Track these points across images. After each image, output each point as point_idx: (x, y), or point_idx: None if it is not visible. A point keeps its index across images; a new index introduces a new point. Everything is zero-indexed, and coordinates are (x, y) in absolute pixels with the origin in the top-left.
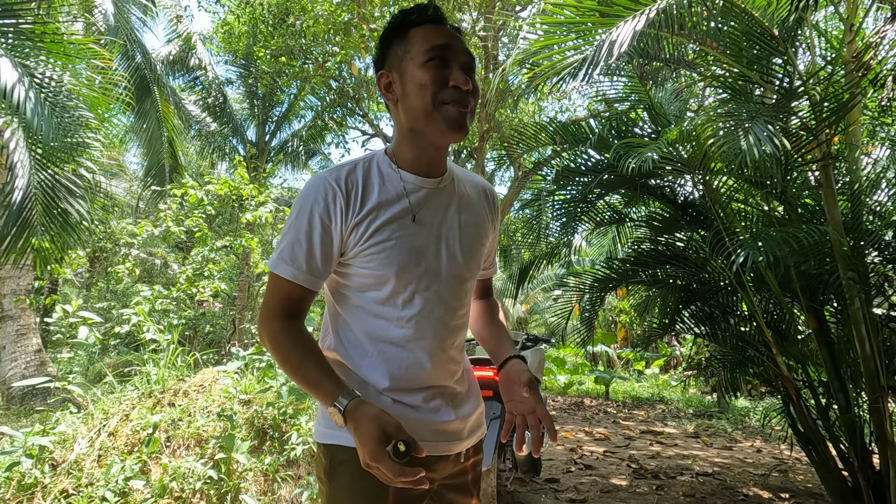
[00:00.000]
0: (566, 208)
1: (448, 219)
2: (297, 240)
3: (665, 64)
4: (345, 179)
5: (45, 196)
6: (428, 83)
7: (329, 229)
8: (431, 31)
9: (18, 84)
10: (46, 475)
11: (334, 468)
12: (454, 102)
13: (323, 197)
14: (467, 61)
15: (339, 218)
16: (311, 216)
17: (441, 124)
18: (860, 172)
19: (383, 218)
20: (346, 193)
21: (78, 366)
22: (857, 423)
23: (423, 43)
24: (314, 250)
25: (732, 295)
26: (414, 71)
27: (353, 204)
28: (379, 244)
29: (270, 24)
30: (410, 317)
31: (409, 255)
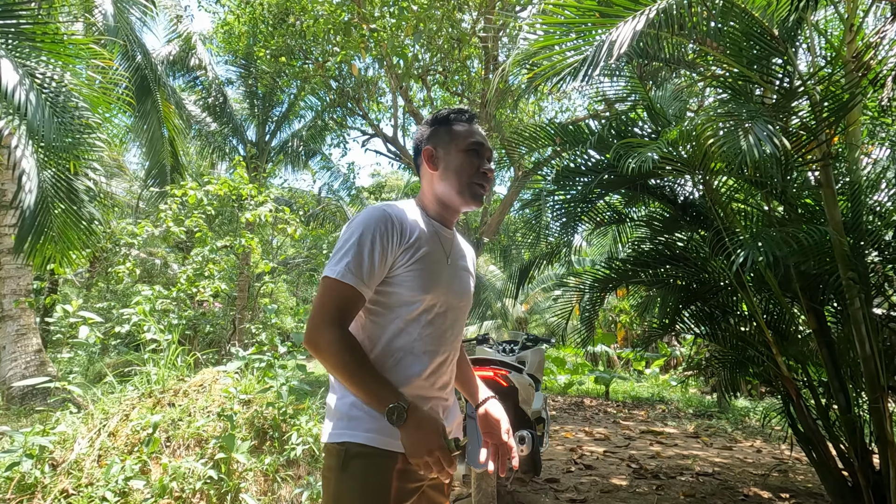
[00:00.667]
0: (566, 208)
1: (457, 262)
2: (360, 255)
3: (665, 64)
4: (399, 215)
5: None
6: (467, 165)
7: (386, 250)
8: (471, 130)
9: (19, 85)
10: (46, 475)
11: (348, 461)
12: (479, 183)
13: (385, 224)
14: (491, 156)
15: (395, 243)
16: (373, 238)
17: (467, 196)
18: (860, 172)
19: (423, 250)
20: (401, 225)
21: (78, 366)
22: (857, 423)
23: (468, 136)
24: (374, 266)
25: (732, 295)
26: (457, 154)
27: (405, 233)
28: (418, 269)
29: (270, 24)
30: (430, 332)
31: (437, 280)
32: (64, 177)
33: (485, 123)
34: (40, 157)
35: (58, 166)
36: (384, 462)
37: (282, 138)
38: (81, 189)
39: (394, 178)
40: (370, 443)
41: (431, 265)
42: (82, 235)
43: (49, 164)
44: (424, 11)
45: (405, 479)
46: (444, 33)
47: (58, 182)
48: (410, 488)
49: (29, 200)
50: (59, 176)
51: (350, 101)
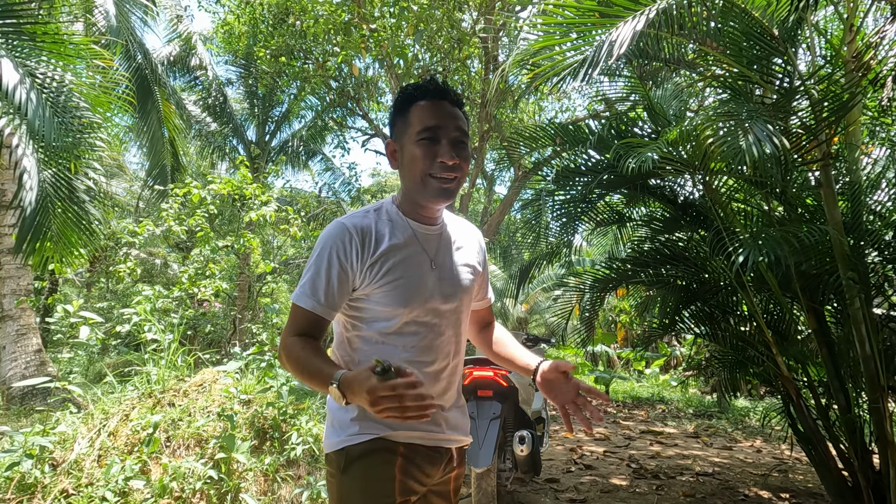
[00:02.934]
0: (566, 208)
1: (443, 260)
2: (317, 276)
3: (665, 64)
4: (360, 226)
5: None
6: (418, 159)
7: (346, 267)
8: (428, 109)
9: (20, 85)
10: (46, 475)
11: (349, 464)
12: (440, 177)
13: (341, 240)
14: (457, 136)
15: (356, 259)
16: (330, 256)
17: (428, 194)
18: (860, 172)
19: (394, 259)
20: (361, 238)
21: (78, 366)
22: (857, 423)
23: (418, 123)
24: (332, 287)
25: (732, 295)
26: (409, 146)
27: (367, 247)
28: (392, 282)
29: (270, 24)
30: (415, 343)
31: (415, 291)
32: (64, 176)
33: (485, 123)
34: (40, 157)
35: (58, 166)
36: (385, 457)
37: (282, 138)
38: (81, 189)
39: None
40: (366, 439)
41: (408, 275)
42: (82, 235)
43: (49, 163)
44: (424, 11)
45: (408, 476)
46: (444, 33)
47: (58, 182)
48: (413, 487)
49: (30, 198)
50: (59, 176)
51: (350, 101)
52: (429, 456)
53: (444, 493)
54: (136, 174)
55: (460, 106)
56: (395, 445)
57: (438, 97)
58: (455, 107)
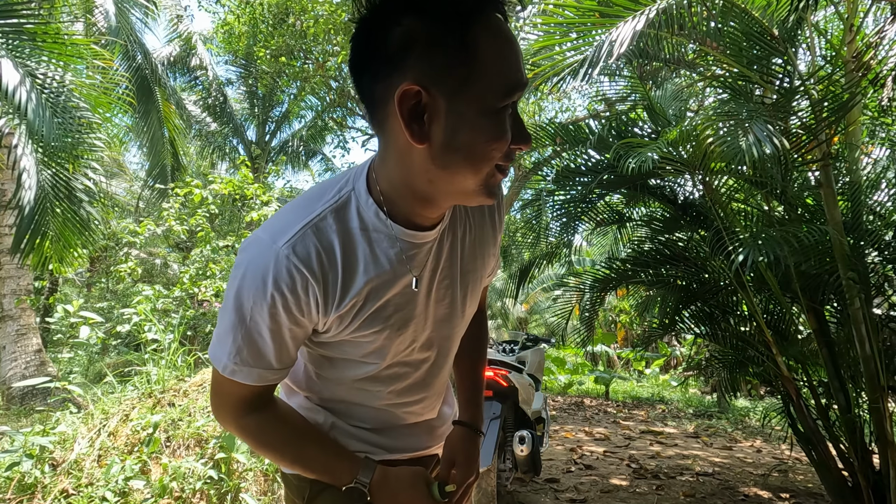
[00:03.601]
0: (566, 208)
1: (446, 272)
2: (259, 337)
3: (665, 64)
4: (316, 257)
5: (55, 196)
6: (496, 144)
7: (301, 322)
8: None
9: (20, 85)
10: (46, 475)
11: (314, 497)
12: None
13: (290, 287)
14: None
15: (315, 310)
16: (274, 311)
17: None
18: (860, 172)
19: (374, 303)
20: (323, 279)
21: (78, 366)
22: (857, 423)
23: (501, 70)
24: (285, 346)
25: (732, 295)
26: (477, 118)
27: (332, 291)
28: (369, 334)
29: (270, 24)
30: (394, 388)
31: (402, 337)
32: (63, 176)
33: None
34: (40, 157)
35: (57, 166)
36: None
37: (282, 138)
38: (81, 189)
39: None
40: None
41: (395, 316)
42: (81, 235)
43: (49, 163)
44: None
45: None
46: None
47: (57, 182)
48: None
49: (28, 198)
50: (58, 176)
51: (350, 101)
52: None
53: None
54: (136, 174)
55: None
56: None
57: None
58: None
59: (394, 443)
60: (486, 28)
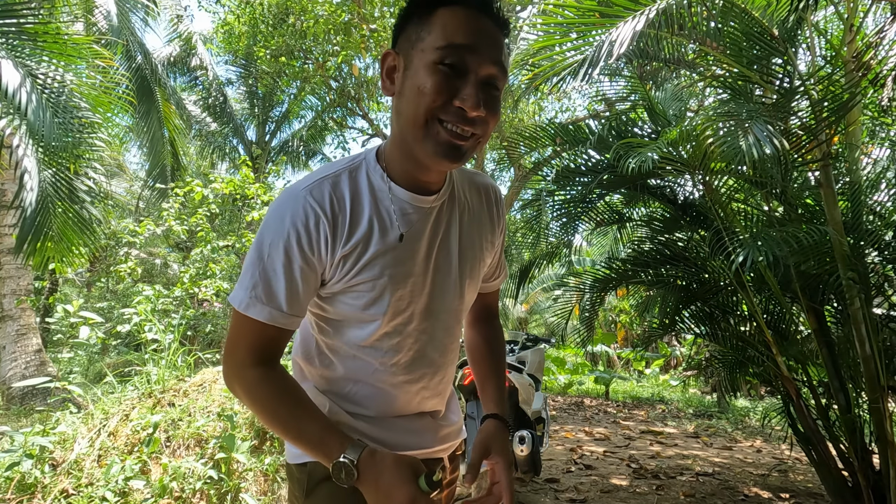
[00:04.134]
0: (566, 208)
1: (445, 243)
2: (273, 274)
3: (665, 64)
4: (329, 200)
5: (56, 196)
6: (428, 91)
7: (311, 262)
8: (461, 18)
9: (21, 86)
10: (46, 475)
11: (313, 487)
12: (452, 124)
13: (304, 222)
14: (492, 75)
15: (324, 248)
16: (288, 245)
17: (428, 146)
18: (860, 172)
19: (374, 250)
20: (333, 218)
21: (78, 366)
22: (857, 423)
23: (441, 35)
24: (295, 286)
25: (732, 295)
26: (419, 68)
27: (341, 231)
28: (368, 281)
29: (270, 24)
30: (396, 360)
31: (400, 291)
32: (64, 176)
33: None
34: (41, 157)
35: (58, 166)
36: None
37: (282, 138)
38: (82, 189)
39: None
40: None
41: (391, 268)
42: (82, 235)
43: (50, 163)
44: None
45: None
46: None
47: (58, 182)
48: None
49: (30, 198)
50: (59, 176)
51: (350, 101)
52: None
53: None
54: (136, 174)
55: (506, 30)
56: None
57: (480, 8)
58: (501, 32)
59: (396, 438)
60: (449, 8)
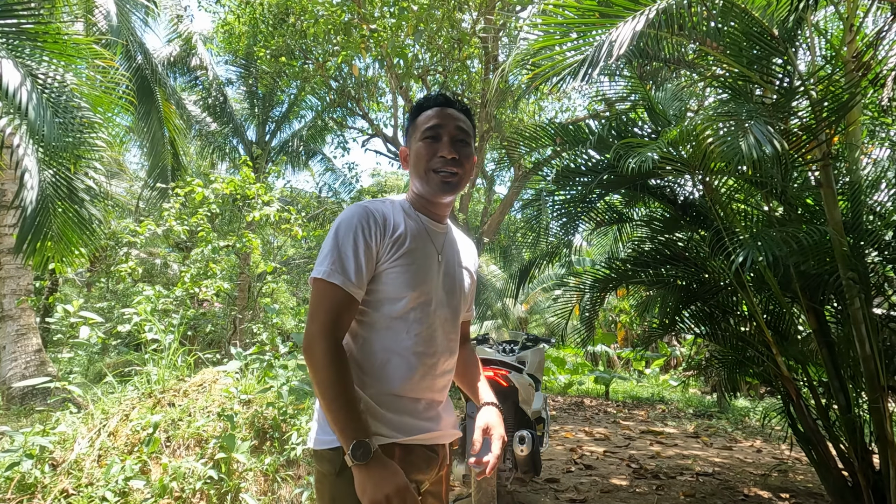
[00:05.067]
0: (566, 208)
1: (449, 256)
2: (346, 255)
3: (665, 64)
4: (381, 210)
5: (56, 196)
6: (422, 155)
7: (371, 247)
8: (433, 113)
9: (21, 86)
10: (46, 475)
11: (345, 466)
12: (441, 171)
13: (366, 221)
14: (457, 135)
15: (378, 238)
16: (356, 236)
17: (431, 187)
18: (860, 172)
19: (407, 245)
20: (383, 221)
21: (78, 366)
22: (857, 423)
23: (422, 125)
24: (360, 264)
25: (732, 295)
26: (415, 145)
27: (387, 229)
28: (404, 265)
29: (270, 25)
30: (419, 332)
31: (424, 278)
32: (64, 176)
33: (485, 123)
34: (41, 157)
35: (59, 166)
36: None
37: (282, 138)
38: (82, 188)
39: (394, 178)
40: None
41: (419, 260)
42: (83, 235)
43: (50, 163)
44: (424, 11)
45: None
46: (444, 33)
47: (58, 182)
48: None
49: (31, 198)
50: (59, 175)
51: (350, 101)
52: (426, 456)
53: (438, 493)
54: (136, 174)
55: (467, 114)
56: (392, 448)
57: (444, 104)
58: (460, 112)
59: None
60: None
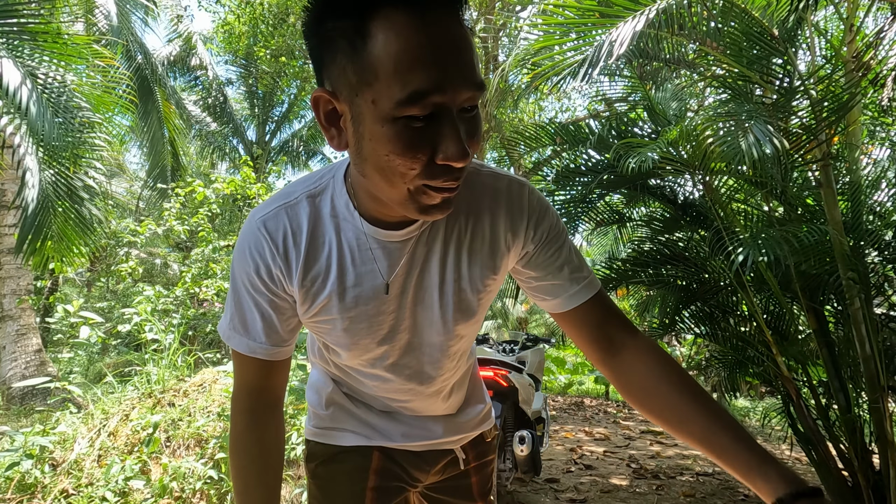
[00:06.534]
0: (566, 208)
1: (423, 277)
2: (246, 306)
3: (665, 64)
4: (283, 232)
5: (56, 195)
6: (400, 156)
7: (277, 292)
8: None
9: (22, 85)
10: (46, 475)
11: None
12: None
13: (259, 253)
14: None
15: (283, 280)
16: (251, 277)
17: (415, 208)
18: (860, 172)
19: (329, 290)
20: (285, 252)
21: (78, 366)
22: (857, 423)
23: (395, 80)
24: (268, 317)
25: (732, 295)
26: (374, 126)
27: (295, 266)
28: (327, 322)
29: (271, 24)
30: (377, 385)
31: (364, 336)
32: (64, 176)
33: (485, 123)
34: (41, 157)
35: (59, 165)
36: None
37: (282, 138)
38: (81, 188)
39: None
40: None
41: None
42: (83, 235)
43: (50, 163)
44: None
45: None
46: None
47: (58, 181)
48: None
49: (32, 195)
50: (59, 175)
51: None
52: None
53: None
54: (136, 174)
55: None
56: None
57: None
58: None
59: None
60: (387, 21)
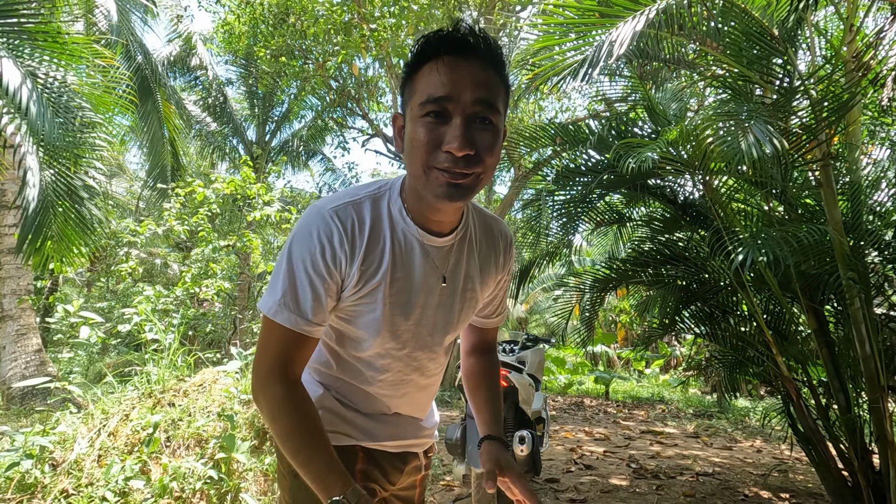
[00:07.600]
0: (566, 208)
1: (452, 282)
2: (300, 283)
3: (665, 64)
4: (351, 222)
5: (56, 195)
6: (419, 143)
7: (333, 273)
8: (439, 72)
9: (22, 85)
10: (46, 475)
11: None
12: (445, 170)
13: (329, 238)
14: (477, 111)
15: (344, 262)
16: (314, 257)
17: (429, 190)
18: (860, 172)
19: (379, 277)
20: (352, 239)
21: (78, 366)
22: (857, 423)
23: (422, 92)
24: (319, 295)
25: (732, 295)
26: (410, 124)
27: (358, 251)
28: (370, 304)
29: (270, 24)
30: (383, 379)
31: (398, 320)
32: (65, 176)
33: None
34: (42, 157)
35: (59, 165)
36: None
37: (282, 138)
38: (81, 188)
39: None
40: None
41: (396, 296)
42: (83, 235)
43: (51, 163)
44: (425, 11)
45: (367, 480)
46: None
47: (58, 181)
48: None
49: (33, 195)
50: (60, 175)
51: (350, 101)
52: (396, 458)
53: (409, 497)
54: (136, 174)
55: (497, 63)
56: (354, 450)
57: (460, 52)
58: (487, 66)
59: (380, 430)
60: (429, 64)
